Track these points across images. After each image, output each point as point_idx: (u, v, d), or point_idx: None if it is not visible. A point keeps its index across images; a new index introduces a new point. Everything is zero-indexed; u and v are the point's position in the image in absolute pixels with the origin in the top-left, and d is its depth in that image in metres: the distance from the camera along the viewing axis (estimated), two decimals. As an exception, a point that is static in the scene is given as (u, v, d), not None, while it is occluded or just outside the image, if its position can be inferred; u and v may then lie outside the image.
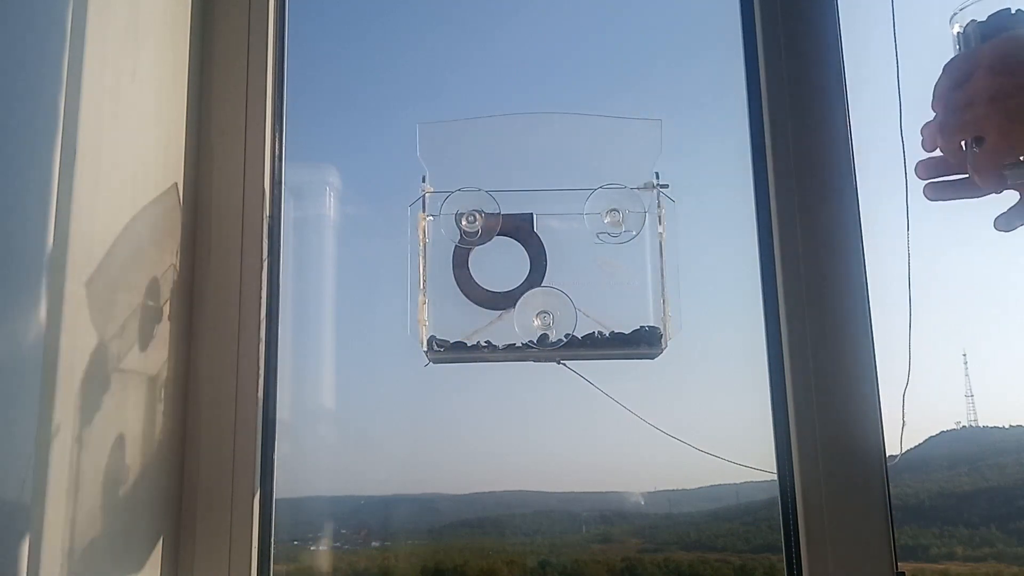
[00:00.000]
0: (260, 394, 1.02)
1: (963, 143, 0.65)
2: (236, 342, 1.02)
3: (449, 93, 1.30)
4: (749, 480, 1.09)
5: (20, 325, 0.72)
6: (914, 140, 1.00)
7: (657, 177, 0.98)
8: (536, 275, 0.98)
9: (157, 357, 0.96)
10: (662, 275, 0.96)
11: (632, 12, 1.32)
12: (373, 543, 1.34)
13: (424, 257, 0.97)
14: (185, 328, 1.02)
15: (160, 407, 0.96)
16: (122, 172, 0.90)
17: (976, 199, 0.69)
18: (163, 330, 0.98)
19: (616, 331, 0.95)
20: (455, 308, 0.97)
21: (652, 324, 0.96)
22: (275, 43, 1.12)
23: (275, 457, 1.03)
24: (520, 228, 0.99)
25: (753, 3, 1.10)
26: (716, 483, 1.18)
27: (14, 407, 0.71)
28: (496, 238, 0.98)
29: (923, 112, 0.70)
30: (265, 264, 1.05)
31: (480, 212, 0.97)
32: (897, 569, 0.94)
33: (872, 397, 0.98)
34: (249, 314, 1.03)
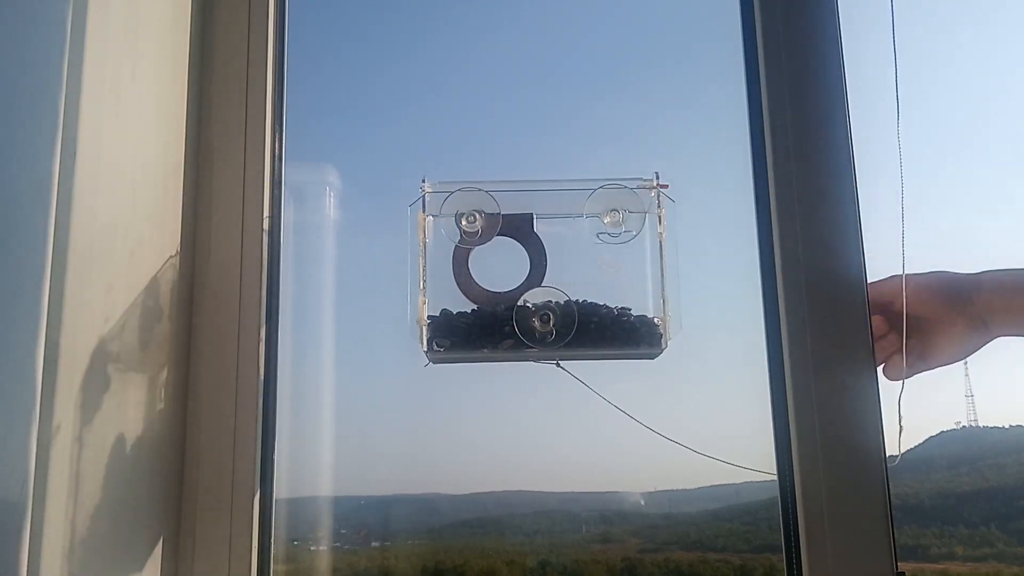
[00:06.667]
0: (260, 394, 1.02)
1: None
2: (236, 342, 1.02)
3: (449, 93, 1.30)
4: (749, 480, 1.09)
5: (20, 325, 0.72)
6: (911, 140, 1.00)
7: (657, 177, 0.99)
8: (536, 275, 0.98)
9: (157, 357, 0.96)
10: (662, 275, 0.96)
11: (632, 11, 1.32)
12: (373, 543, 1.34)
13: (424, 257, 0.97)
14: (185, 328, 1.02)
15: (160, 407, 0.96)
16: (122, 172, 0.90)
17: None
18: (163, 330, 0.98)
19: (622, 307, 0.95)
20: (455, 308, 0.97)
21: (652, 316, 0.96)
22: (275, 43, 1.12)
23: (275, 457, 1.03)
24: (520, 228, 0.99)
25: (753, 3, 1.10)
26: (716, 483, 1.18)
27: (14, 407, 0.71)
28: (496, 238, 0.98)
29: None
30: (265, 264, 1.05)
31: (480, 212, 0.97)
32: (897, 569, 0.93)
33: (872, 398, 0.98)
34: (249, 314, 1.03)
